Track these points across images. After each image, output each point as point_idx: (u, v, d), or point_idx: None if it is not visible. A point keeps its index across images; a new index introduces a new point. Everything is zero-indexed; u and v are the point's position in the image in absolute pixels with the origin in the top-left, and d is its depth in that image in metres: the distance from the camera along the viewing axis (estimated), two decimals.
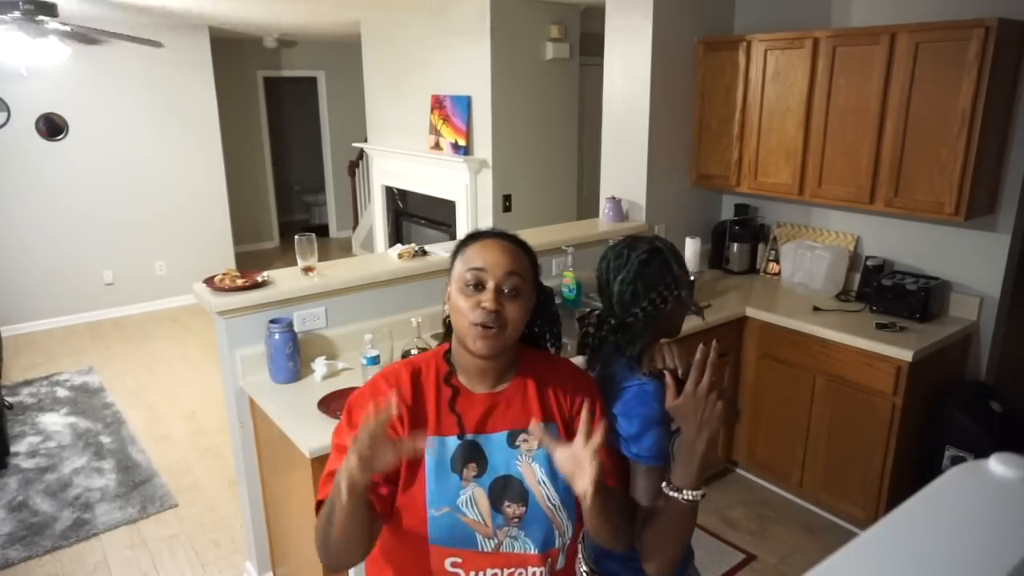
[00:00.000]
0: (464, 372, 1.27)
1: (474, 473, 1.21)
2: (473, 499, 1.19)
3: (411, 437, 1.08)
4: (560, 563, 1.27)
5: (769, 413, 3.27)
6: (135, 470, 3.64)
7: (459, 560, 1.19)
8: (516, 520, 1.21)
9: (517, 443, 1.24)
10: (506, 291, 1.20)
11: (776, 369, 3.20)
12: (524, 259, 1.25)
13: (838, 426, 3.00)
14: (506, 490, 1.21)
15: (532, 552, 1.22)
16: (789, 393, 3.16)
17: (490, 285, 1.19)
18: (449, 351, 1.30)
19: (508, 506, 1.21)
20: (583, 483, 1.08)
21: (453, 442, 1.22)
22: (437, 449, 1.21)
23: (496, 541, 1.20)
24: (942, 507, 0.72)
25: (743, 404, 3.36)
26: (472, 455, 1.21)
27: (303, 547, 2.29)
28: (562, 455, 1.12)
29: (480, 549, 1.20)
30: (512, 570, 1.21)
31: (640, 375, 1.36)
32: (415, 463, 1.20)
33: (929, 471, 2.85)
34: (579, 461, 1.09)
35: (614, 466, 1.30)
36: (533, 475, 1.23)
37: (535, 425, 1.16)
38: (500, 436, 1.24)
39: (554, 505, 1.22)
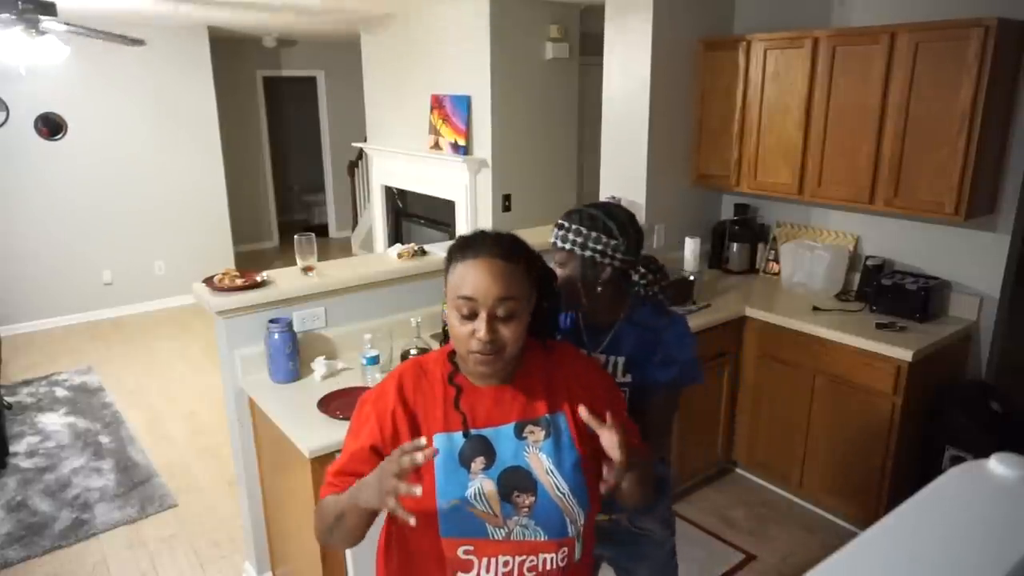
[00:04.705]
0: (467, 371, 1.30)
1: (482, 466, 1.23)
2: (482, 491, 1.22)
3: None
4: (578, 553, 1.29)
5: (769, 413, 3.27)
6: (134, 470, 3.63)
7: (471, 548, 1.22)
8: (526, 510, 1.23)
9: (524, 434, 1.26)
10: (500, 315, 1.19)
11: (776, 369, 3.20)
12: (516, 274, 1.20)
13: (838, 426, 3.00)
14: (515, 481, 1.24)
15: (544, 539, 1.24)
16: (789, 393, 3.15)
17: (482, 315, 1.18)
18: (454, 351, 1.32)
19: (518, 496, 1.23)
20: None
21: (459, 438, 1.25)
22: (445, 445, 1.24)
23: (507, 530, 1.22)
24: (942, 507, 0.72)
25: (743, 404, 3.36)
26: (480, 449, 1.24)
27: (303, 547, 2.29)
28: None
29: (491, 538, 1.22)
30: (524, 557, 1.23)
31: (668, 313, 1.71)
32: None
33: (929, 471, 2.85)
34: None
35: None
36: (541, 465, 1.25)
37: (583, 411, 1.20)
38: (508, 428, 1.26)
39: (563, 494, 1.24)
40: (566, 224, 1.65)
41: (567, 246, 1.64)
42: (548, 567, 1.24)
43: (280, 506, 2.50)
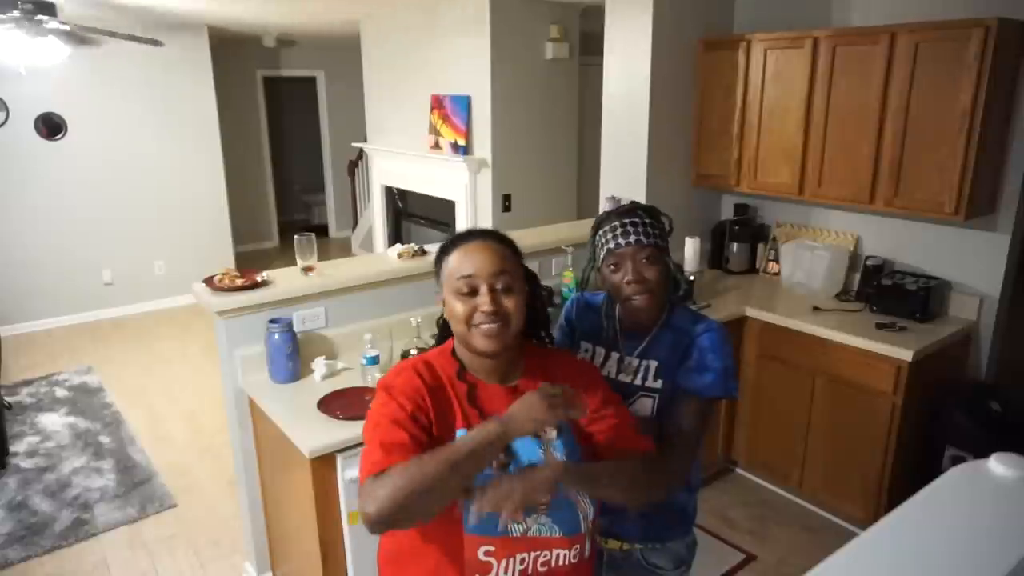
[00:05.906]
0: (473, 369, 1.32)
1: (503, 464, 1.24)
2: None
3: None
4: (587, 550, 1.31)
5: (769, 413, 3.27)
6: (134, 470, 3.63)
7: (492, 548, 1.23)
8: (544, 507, 1.24)
9: (538, 433, 1.26)
10: (499, 288, 1.26)
11: (776, 369, 3.20)
12: (509, 253, 1.31)
13: (838, 426, 3.00)
14: None
15: (558, 536, 1.26)
16: (789, 393, 3.15)
17: (483, 288, 1.25)
18: (454, 349, 1.34)
19: None
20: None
21: None
22: None
23: (525, 527, 1.23)
24: (942, 507, 0.72)
25: (743, 404, 3.36)
26: None
27: (303, 547, 2.29)
28: None
29: (511, 535, 1.23)
30: (539, 553, 1.25)
31: (705, 319, 1.59)
32: None
33: (929, 471, 2.85)
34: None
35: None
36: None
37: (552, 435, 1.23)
38: None
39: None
40: (637, 220, 1.52)
41: (650, 240, 1.51)
42: (561, 563, 1.26)
43: (280, 506, 2.50)
